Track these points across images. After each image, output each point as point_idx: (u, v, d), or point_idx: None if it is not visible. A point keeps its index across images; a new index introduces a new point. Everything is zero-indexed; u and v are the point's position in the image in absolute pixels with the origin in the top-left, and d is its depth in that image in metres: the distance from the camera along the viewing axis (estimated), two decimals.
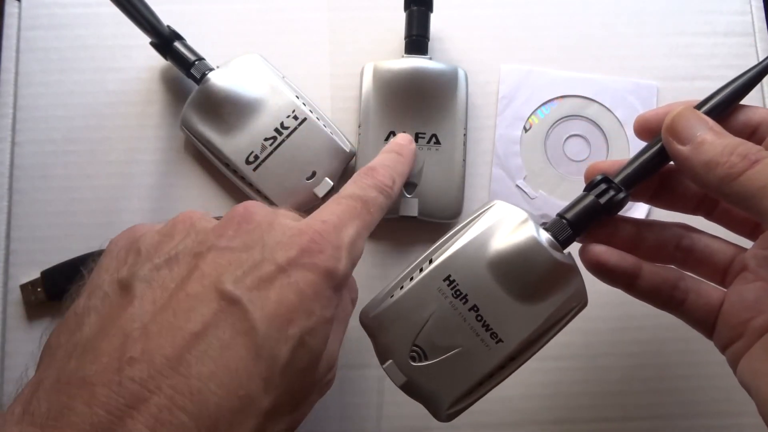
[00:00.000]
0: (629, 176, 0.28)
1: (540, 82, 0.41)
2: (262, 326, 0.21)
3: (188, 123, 0.37)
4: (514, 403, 0.37)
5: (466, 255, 0.27)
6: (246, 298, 0.22)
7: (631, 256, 0.29)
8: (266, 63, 0.39)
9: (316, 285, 0.23)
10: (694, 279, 0.29)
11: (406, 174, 0.32)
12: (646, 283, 0.28)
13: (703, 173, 0.25)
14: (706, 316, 0.29)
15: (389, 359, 0.28)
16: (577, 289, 0.28)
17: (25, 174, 0.39)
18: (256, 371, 0.21)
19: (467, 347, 0.27)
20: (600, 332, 0.37)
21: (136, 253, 0.24)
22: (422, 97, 0.37)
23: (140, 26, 0.34)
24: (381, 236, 0.39)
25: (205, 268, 0.23)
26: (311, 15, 0.42)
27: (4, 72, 0.40)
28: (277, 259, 0.23)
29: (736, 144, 0.25)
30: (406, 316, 0.27)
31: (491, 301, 0.27)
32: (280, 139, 0.37)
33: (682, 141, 0.26)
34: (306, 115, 0.38)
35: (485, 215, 0.28)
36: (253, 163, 0.37)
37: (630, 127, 0.39)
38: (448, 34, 0.41)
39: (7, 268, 0.38)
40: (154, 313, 0.21)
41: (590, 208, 0.27)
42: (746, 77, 0.27)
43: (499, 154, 0.40)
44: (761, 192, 0.23)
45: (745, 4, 0.42)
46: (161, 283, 0.22)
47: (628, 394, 0.37)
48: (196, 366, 0.20)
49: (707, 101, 0.28)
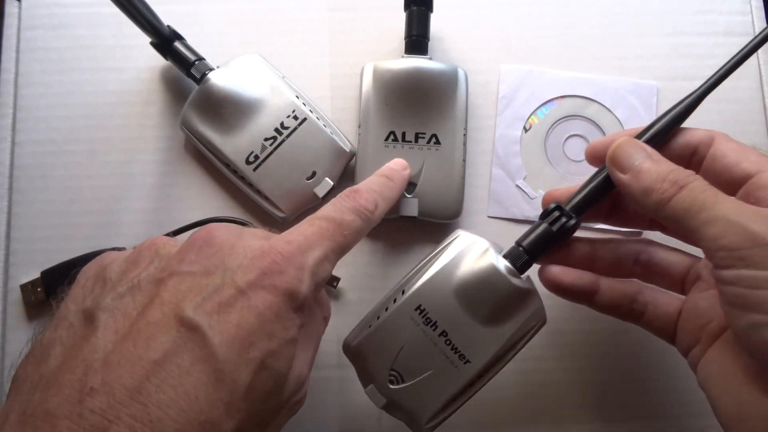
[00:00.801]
0: (579, 203, 0.30)
1: (540, 82, 0.41)
2: (221, 351, 0.21)
3: (188, 123, 0.37)
4: (514, 403, 0.37)
5: (434, 285, 0.30)
6: (205, 324, 0.22)
7: (589, 274, 0.31)
8: (266, 63, 0.39)
9: (277, 306, 0.23)
10: (653, 290, 0.32)
11: (392, 199, 0.32)
12: (605, 298, 0.31)
13: (642, 199, 0.28)
14: (665, 325, 0.31)
15: (370, 383, 0.31)
16: (536, 310, 0.30)
17: (25, 174, 0.39)
18: (216, 396, 0.21)
19: (439, 369, 0.30)
20: (600, 332, 0.37)
21: (103, 283, 0.24)
22: (422, 97, 0.37)
23: (140, 26, 0.34)
24: (381, 236, 0.39)
25: (166, 294, 0.23)
26: (311, 15, 0.42)
27: (4, 72, 0.40)
28: (237, 282, 0.23)
29: (669, 171, 0.28)
30: (383, 344, 0.30)
31: (458, 326, 0.30)
32: (280, 139, 0.37)
33: (623, 170, 0.29)
34: (306, 115, 0.38)
35: (451, 246, 0.31)
36: (253, 163, 0.37)
37: (630, 126, 0.39)
38: (448, 34, 0.41)
39: (7, 268, 0.38)
40: (115, 342, 0.22)
41: (544, 235, 0.30)
42: (682, 105, 0.30)
43: (499, 154, 0.40)
44: (687, 214, 0.26)
45: (745, 4, 0.42)
46: (123, 312, 0.23)
47: (627, 394, 0.37)
48: (156, 394, 0.20)
49: (648, 129, 0.30)
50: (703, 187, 0.27)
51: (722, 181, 0.29)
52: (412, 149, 0.37)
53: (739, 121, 0.40)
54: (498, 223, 0.39)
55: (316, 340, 0.28)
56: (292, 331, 0.24)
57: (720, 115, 0.40)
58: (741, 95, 0.40)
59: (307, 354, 0.26)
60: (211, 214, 0.38)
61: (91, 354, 0.21)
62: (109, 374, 0.21)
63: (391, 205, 0.32)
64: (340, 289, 0.38)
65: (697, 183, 0.27)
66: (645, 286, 0.32)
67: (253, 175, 0.37)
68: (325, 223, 0.27)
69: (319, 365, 0.36)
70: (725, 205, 0.25)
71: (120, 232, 0.38)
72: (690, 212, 0.26)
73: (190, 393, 0.21)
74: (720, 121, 0.40)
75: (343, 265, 0.38)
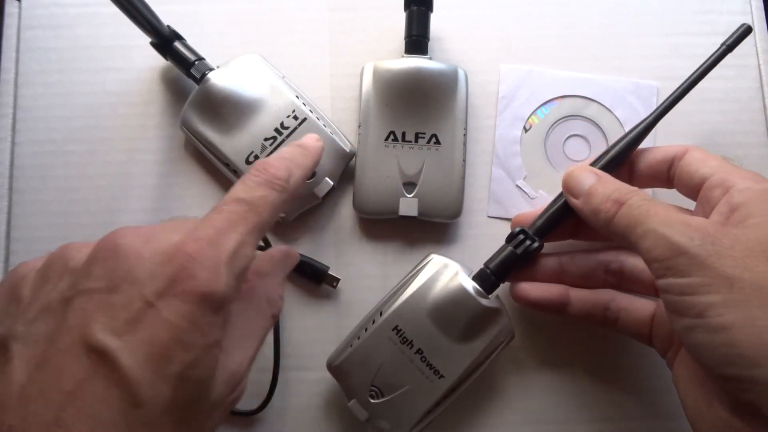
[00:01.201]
0: (541, 227, 0.33)
1: (540, 82, 0.41)
2: (134, 373, 0.20)
3: (188, 123, 0.37)
4: (514, 403, 0.37)
5: (410, 307, 0.33)
6: (114, 346, 0.21)
7: (558, 287, 0.33)
8: (266, 63, 0.39)
9: (191, 314, 0.22)
10: (626, 297, 0.33)
11: (308, 167, 0.30)
12: (577, 309, 0.33)
13: (593, 220, 0.30)
14: (640, 329, 0.33)
15: (353, 398, 0.33)
16: (503, 327, 0.33)
17: (25, 174, 0.39)
18: (135, 419, 0.20)
19: (415, 384, 0.33)
20: (600, 332, 0.37)
21: (17, 303, 0.23)
22: (422, 97, 0.37)
23: (140, 26, 0.34)
24: (381, 236, 0.39)
25: (73, 318, 0.22)
26: (311, 15, 0.41)
27: (4, 72, 0.40)
28: (144, 295, 0.22)
29: (612, 190, 0.29)
30: (364, 362, 0.33)
31: (432, 344, 0.33)
32: (280, 139, 0.37)
33: (575, 195, 0.31)
34: (306, 115, 0.38)
35: (424, 269, 0.34)
36: (253, 163, 0.37)
37: (630, 126, 0.39)
38: (448, 34, 0.41)
39: (7, 268, 0.38)
40: (30, 373, 0.21)
41: (509, 257, 0.33)
42: (638, 129, 0.33)
43: (499, 154, 0.40)
44: (627, 230, 0.28)
45: (745, 4, 0.42)
46: (36, 339, 0.22)
47: (628, 394, 0.37)
48: (74, 426, 0.20)
49: (603, 156, 0.33)
50: (640, 202, 0.28)
51: (689, 188, 0.31)
52: (412, 149, 0.37)
53: (739, 121, 0.40)
54: (498, 223, 0.39)
55: (257, 336, 0.27)
56: (213, 335, 0.23)
57: (720, 115, 0.40)
58: (741, 95, 0.40)
59: (244, 352, 0.25)
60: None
61: (7, 388, 0.21)
62: (27, 409, 0.20)
63: (306, 173, 0.30)
64: (340, 289, 0.38)
65: (634, 199, 0.28)
66: (617, 294, 0.33)
67: None
68: (235, 206, 0.25)
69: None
70: (655, 218, 0.27)
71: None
72: (629, 228, 0.28)
73: (107, 421, 0.20)
74: (720, 121, 0.40)
75: (343, 265, 0.38)
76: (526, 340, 0.37)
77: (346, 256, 0.39)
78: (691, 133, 0.40)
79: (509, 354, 0.37)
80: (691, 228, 0.25)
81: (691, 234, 0.25)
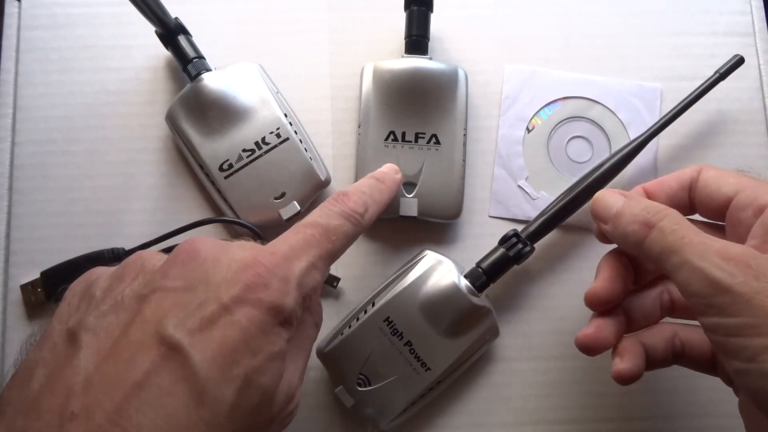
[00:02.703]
0: (533, 232, 0.34)
1: (543, 83, 0.40)
2: (203, 369, 0.21)
3: (173, 118, 0.37)
4: (514, 403, 0.37)
5: (402, 300, 0.34)
6: (186, 342, 0.21)
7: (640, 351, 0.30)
8: (263, 74, 0.38)
9: (261, 322, 0.22)
10: (685, 329, 0.31)
11: (383, 202, 0.31)
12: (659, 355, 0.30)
13: (623, 244, 0.29)
14: (704, 362, 0.31)
15: (340, 385, 0.34)
16: (490, 325, 0.34)
17: (25, 174, 0.39)
18: (198, 417, 0.21)
19: (403, 374, 0.34)
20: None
21: (89, 300, 0.24)
22: (422, 97, 0.37)
23: (145, 15, 0.34)
24: (381, 236, 0.39)
25: (148, 312, 0.22)
26: (311, 15, 0.41)
27: (4, 72, 0.40)
28: (220, 298, 0.22)
29: (640, 209, 0.28)
30: (354, 350, 0.34)
31: (422, 337, 0.34)
32: (258, 153, 0.37)
33: (604, 221, 0.30)
34: (289, 135, 0.37)
35: (418, 264, 0.35)
36: (226, 171, 0.37)
37: (633, 129, 0.40)
38: (448, 34, 0.41)
39: (7, 268, 0.37)
40: (97, 363, 0.21)
41: (501, 259, 0.34)
42: (628, 149, 0.34)
43: (502, 155, 0.40)
44: (661, 258, 0.26)
45: (745, 4, 0.42)
46: (106, 331, 0.22)
47: (628, 394, 0.37)
48: (136, 417, 0.20)
49: (592, 173, 0.34)
50: (672, 226, 0.26)
51: (712, 210, 0.29)
52: (412, 149, 0.37)
53: (739, 121, 0.40)
54: (498, 223, 0.39)
55: (307, 349, 0.27)
56: (279, 345, 0.23)
57: (720, 115, 0.40)
58: (741, 95, 0.40)
59: (298, 364, 0.26)
60: (211, 215, 0.38)
61: (73, 376, 0.21)
62: (90, 398, 0.20)
63: (382, 209, 0.31)
64: (340, 289, 0.38)
65: (665, 222, 0.26)
66: (677, 326, 0.31)
67: (224, 183, 0.37)
68: (311, 229, 0.26)
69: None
70: (691, 248, 0.25)
71: (120, 232, 0.38)
72: (662, 255, 0.26)
73: (170, 414, 0.20)
74: (720, 121, 0.40)
75: (343, 265, 0.38)
76: (523, 340, 0.37)
77: (346, 256, 0.38)
78: (691, 134, 0.40)
79: (503, 352, 0.37)
80: (731, 262, 0.23)
81: (732, 270, 0.23)
